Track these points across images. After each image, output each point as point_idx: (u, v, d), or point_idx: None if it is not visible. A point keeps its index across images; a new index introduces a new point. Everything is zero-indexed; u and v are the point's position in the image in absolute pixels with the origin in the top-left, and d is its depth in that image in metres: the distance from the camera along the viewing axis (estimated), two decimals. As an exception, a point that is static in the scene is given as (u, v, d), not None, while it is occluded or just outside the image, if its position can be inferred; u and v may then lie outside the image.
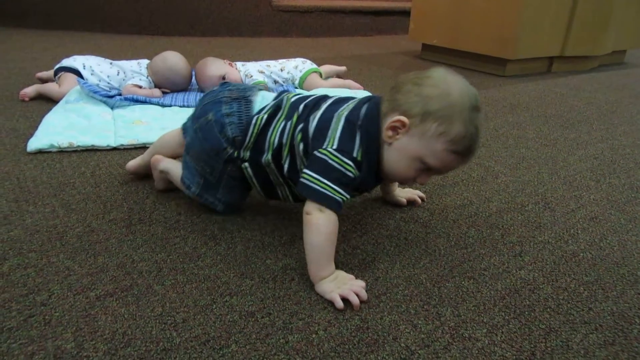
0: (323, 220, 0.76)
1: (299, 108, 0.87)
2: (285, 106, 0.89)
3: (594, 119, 1.79)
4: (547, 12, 2.37)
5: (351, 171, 0.78)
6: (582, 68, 2.69)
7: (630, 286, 0.82)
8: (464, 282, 0.81)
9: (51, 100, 1.61)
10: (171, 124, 1.44)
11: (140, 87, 1.67)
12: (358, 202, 1.06)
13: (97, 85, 1.65)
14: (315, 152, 0.79)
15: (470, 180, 1.20)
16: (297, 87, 1.91)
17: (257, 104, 0.92)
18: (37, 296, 0.72)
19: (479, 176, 1.23)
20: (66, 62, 1.69)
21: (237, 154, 0.90)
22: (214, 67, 1.78)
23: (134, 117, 1.49)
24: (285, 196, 0.93)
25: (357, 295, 0.73)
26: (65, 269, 0.79)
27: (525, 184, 1.21)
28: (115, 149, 1.29)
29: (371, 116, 0.81)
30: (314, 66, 1.95)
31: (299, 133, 0.84)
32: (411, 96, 0.78)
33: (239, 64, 1.89)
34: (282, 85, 1.91)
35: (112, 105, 1.55)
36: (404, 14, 3.63)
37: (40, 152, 1.23)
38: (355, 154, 0.79)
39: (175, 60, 1.76)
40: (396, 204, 1.06)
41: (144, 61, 1.79)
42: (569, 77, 2.51)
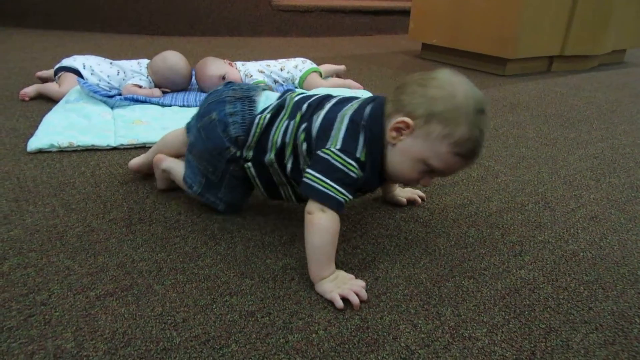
0: (324, 220, 0.76)
1: (302, 107, 0.87)
2: (288, 105, 0.89)
3: (594, 118, 1.79)
4: (547, 11, 2.37)
5: (354, 171, 0.77)
6: (582, 67, 2.69)
7: (631, 285, 0.82)
8: (464, 282, 0.81)
9: (51, 100, 1.61)
10: (171, 123, 1.44)
11: (140, 86, 1.67)
12: (358, 201, 1.06)
13: (97, 85, 1.65)
14: (319, 151, 0.79)
15: (470, 180, 1.20)
16: (297, 87, 1.91)
17: (261, 104, 0.92)
18: (37, 296, 0.72)
19: (479, 176, 1.23)
20: (66, 61, 1.69)
21: (239, 154, 0.90)
22: (214, 66, 1.78)
23: (134, 116, 1.49)
24: (288, 196, 0.93)
25: (357, 295, 0.73)
26: (65, 269, 0.79)
27: (525, 183, 1.21)
28: (115, 148, 1.29)
29: (375, 116, 0.81)
30: (313, 66, 1.95)
31: (302, 133, 0.83)
32: (416, 97, 0.77)
33: (239, 64, 1.89)
34: (282, 84, 1.91)
35: (112, 105, 1.55)
36: (403, 13, 3.62)
37: (41, 151, 1.23)
38: (359, 155, 0.78)
39: (175, 59, 1.76)
40: (396, 204, 1.06)
41: (144, 61, 1.79)
42: (569, 76, 2.51)
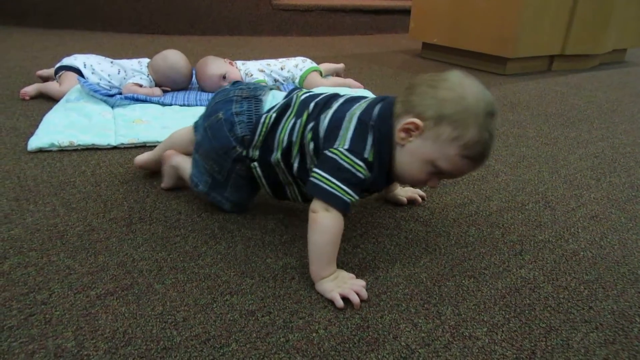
0: (328, 220, 0.76)
1: (309, 106, 0.86)
2: (295, 104, 0.89)
3: (594, 118, 1.79)
4: (547, 10, 2.37)
5: (361, 172, 0.77)
6: (582, 67, 2.69)
7: (631, 285, 0.82)
8: (464, 281, 0.81)
9: (52, 99, 1.61)
10: (171, 122, 1.44)
11: (141, 85, 1.67)
12: (358, 200, 1.06)
13: (98, 84, 1.65)
14: (326, 151, 0.78)
15: (471, 179, 1.20)
16: (297, 86, 1.91)
17: (268, 103, 0.92)
18: (37, 295, 0.72)
19: (479, 175, 1.23)
20: (67, 61, 1.69)
21: (246, 153, 0.90)
22: (215, 66, 1.78)
23: (135, 116, 1.49)
24: (294, 196, 0.93)
25: (358, 294, 0.73)
26: (66, 268, 0.79)
27: (526, 182, 1.21)
28: (115, 147, 1.29)
29: (384, 117, 0.80)
30: (314, 65, 1.95)
31: (309, 132, 0.83)
32: (426, 98, 0.77)
33: (239, 63, 1.89)
34: (283, 84, 1.91)
35: (112, 104, 1.55)
36: (404, 12, 3.62)
37: (41, 151, 1.23)
38: (367, 155, 0.78)
39: (175, 58, 1.76)
40: (397, 203, 1.06)
41: (145, 60, 1.79)
42: (569, 75, 2.51)
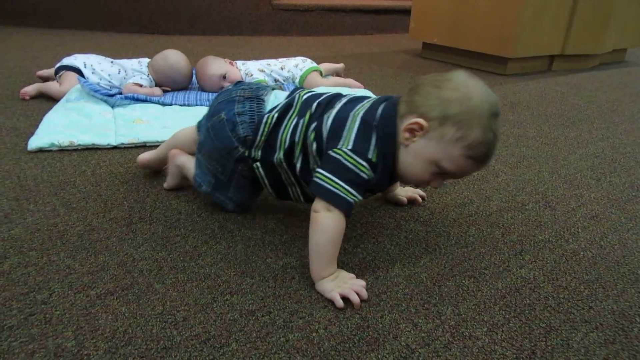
0: (330, 220, 0.76)
1: (312, 106, 0.86)
2: (297, 103, 0.88)
3: (594, 118, 1.79)
4: (547, 10, 2.37)
5: (365, 172, 0.77)
6: (582, 66, 2.69)
7: (631, 285, 0.82)
8: (464, 281, 0.81)
9: (52, 98, 1.61)
10: (172, 122, 1.44)
11: (141, 85, 1.67)
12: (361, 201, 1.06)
13: (98, 84, 1.65)
14: (330, 151, 0.78)
15: (471, 179, 1.20)
16: (299, 86, 1.91)
17: (270, 103, 0.92)
18: (37, 295, 0.72)
19: (479, 175, 1.23)
20: (67, 60, 1.69)
21: (248, 153, 0.90)
22: (215, 65, 1.78)
23: (135, 115, 1.49)
24: (297, 196, 0.93)
25: (358, 294, 0.73)
26: (66, 268, 0.79)
27: (526, 182, 1.21)
28: (115, 147, 1.29)
29: (388, 117, 0.80)
30: (314, 65, 1.95)
31: (312, 132, 0.83)
32: (430, 99, 0.76)
33: (239, 63, 1.89)
34: (283, 83, 1.91)
35: (112, 104, 1.55)
36: (404, 12, 3.62)
37: (41, 150, 1.23)
38: (370, 155, 0.77)
39: (176, 58, 1.76)
40: (397, 203, 1.06)
41: (145, 60, 1.79)
42: (569, 75, 2.51)
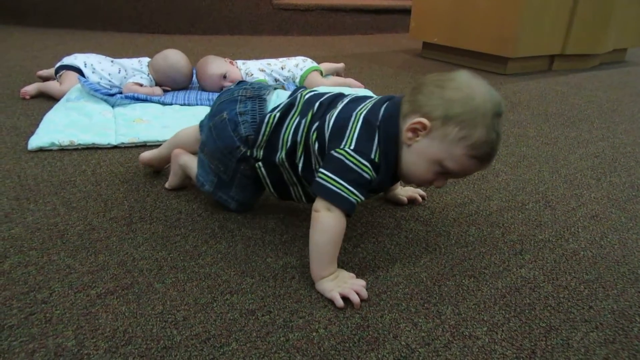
0: (330, 219, 0.76)
1: (314, 106, 0.86)
2: (299, 103, 0.88)
3: (594, 117, 1.79)
4: (547, 10, 2.36)
5: (368, 173, 0.77)
6: (583, 66, 2.69)
7: (631, 284, 0.82)
8: (464, 281, 0.81)
9: (52, 98, 1.61)
10: (172, 122, 1.44)
11: (141, 85, 1.67)
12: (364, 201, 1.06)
13: (98, 83, 1.65)
14: (332, 151, 0.78)
15: (471, 179, 1.20)
16: (297, 86, 1.91)
17: (272, 103, 0.91)
18: (38, 294, 0.72)
19: (479, 174, 1.23)
20: (67, 60, 1.69)
21: (250, 153, 0.90)
22: (215, 65, 1.78)
23: (135, 115, 1.49)
24: (299, 197, 0.93)
25: (358, 294, 0.73)
26: (66, 267, 0.79)
27: (526, 182, 1.21)
28: (116, 147, 1.29)
29: (390, 116, 0.80)
30: (314, 64, 1.95)
31: (314, 132, 0.83)
32: (433, 98, 0.76)
33: (239, 62, 1.89)
34: (284, 83, 1.91)
35: (112, 104, 1.55)
36: (404, 12, 3.62)
37: (41, 150, 1.23)
38: (373, 155, 0.77)
39: (176, 58, 1.76)
40: (397, 202, 1.06)
41: (145, 59, 1.78)
42: (569, 75, 2.51)
